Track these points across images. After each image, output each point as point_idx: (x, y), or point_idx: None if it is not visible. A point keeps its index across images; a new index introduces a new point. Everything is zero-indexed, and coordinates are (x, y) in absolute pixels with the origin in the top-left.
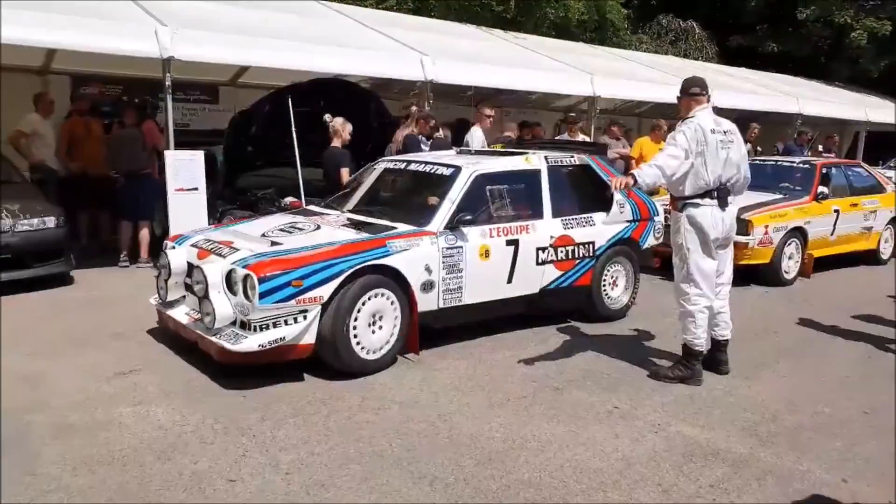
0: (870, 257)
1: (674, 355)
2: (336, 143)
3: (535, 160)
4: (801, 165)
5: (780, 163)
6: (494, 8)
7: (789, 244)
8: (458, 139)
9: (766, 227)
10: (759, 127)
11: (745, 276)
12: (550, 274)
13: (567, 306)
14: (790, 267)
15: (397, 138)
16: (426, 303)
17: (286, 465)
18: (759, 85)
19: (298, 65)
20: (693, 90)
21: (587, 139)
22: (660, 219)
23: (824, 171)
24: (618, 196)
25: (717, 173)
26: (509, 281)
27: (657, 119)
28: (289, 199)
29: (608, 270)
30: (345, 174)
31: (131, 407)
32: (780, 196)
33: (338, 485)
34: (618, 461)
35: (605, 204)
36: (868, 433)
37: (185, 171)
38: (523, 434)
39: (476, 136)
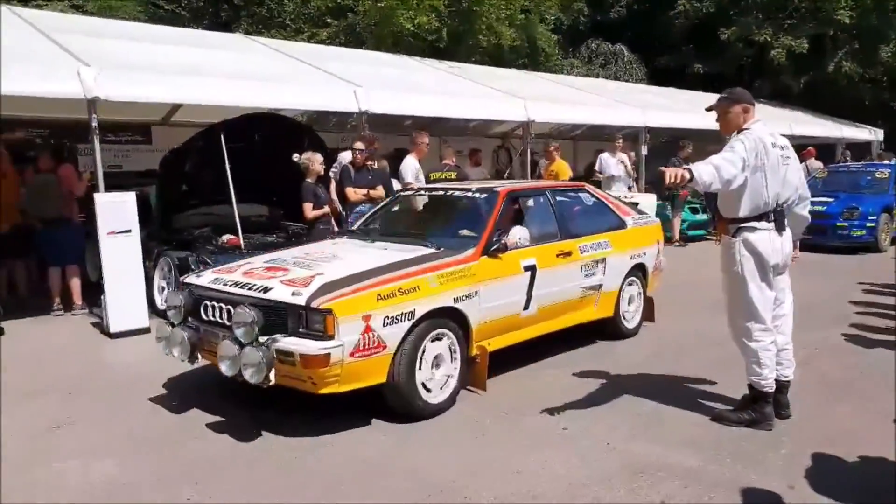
0: (604, 329)
1: None
2: (309, 178)
3: None
4: (477, 196)
5: (450, 193)
6: (427, 38)
7: (430, 341)
8: (396, 169)
9: (369, 318)
10: (690, 144)
11: None
12: None
13: None
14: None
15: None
16: None
17: None
18: (689, 104)
19: (231, 101)
20: (744, 97)
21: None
22: None
23: (514, 203)
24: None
25: (776, 192)
26: None
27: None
28: (226, 237)
29: None
30: (307, 208)
31: (67, 462)
32: (429, 251)
33: None
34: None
35: None
36: (811, 440)
37: (116, 213)
38: None
39: (409, 166)
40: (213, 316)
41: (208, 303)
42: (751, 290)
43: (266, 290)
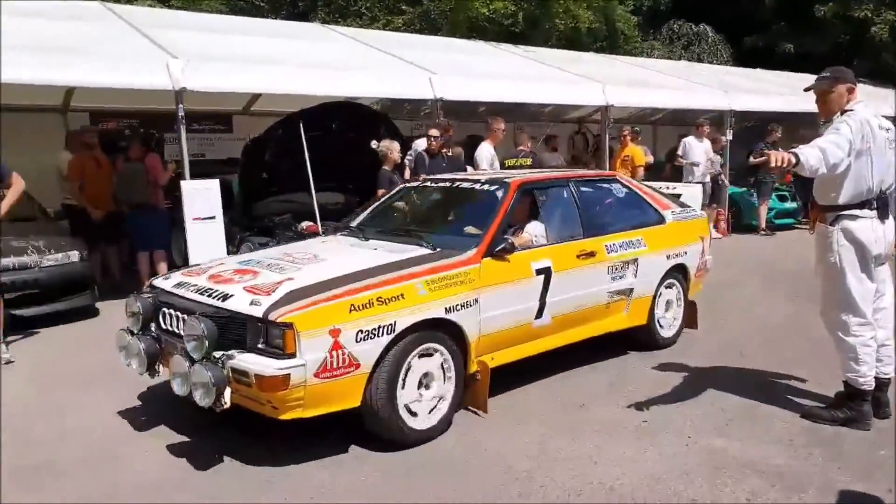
0: (637, 339)
1: None
2: (386, 165)
3: None
4: (484, 188)
5: (457, 184)
6: (503, 22)
7: (416, 358)
8: (470, 156)
9: (338, 332)
10: (780, 128)
11: None
12: None
13: None
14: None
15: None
16: None
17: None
18: (778, 85)
19: (308, 90)
20: (849, 76)
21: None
22: None
23: (527, 195)
24: None
25: (881, 177)
26: None
27: (622, 128)
28: (305, 224)
29: None
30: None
31: (151, 440)
32: (423, 252)
33: None
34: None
35: None
36: None
37: (201, 200)
38: None
39: (484, 153)
40: (171, 325)
41: (166, 310)
42: (849, 281)
43: (226, 297)
